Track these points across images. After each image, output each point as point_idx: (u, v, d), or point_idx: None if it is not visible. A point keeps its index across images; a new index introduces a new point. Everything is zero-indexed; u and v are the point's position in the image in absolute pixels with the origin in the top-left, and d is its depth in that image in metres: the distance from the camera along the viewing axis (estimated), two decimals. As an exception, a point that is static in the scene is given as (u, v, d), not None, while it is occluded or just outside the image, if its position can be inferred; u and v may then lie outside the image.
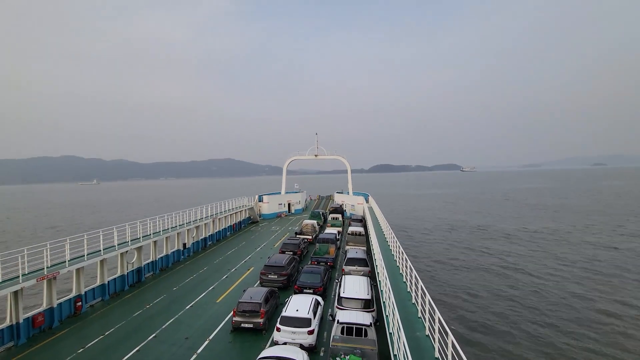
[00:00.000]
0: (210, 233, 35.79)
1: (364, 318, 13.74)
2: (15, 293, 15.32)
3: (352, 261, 22.89)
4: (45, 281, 16.83)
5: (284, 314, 14.89)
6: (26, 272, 16.40)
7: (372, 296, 16.72)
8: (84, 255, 19.61)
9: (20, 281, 15.54)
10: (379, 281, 17.60)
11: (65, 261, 18.52)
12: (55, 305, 17.23)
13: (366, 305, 15.90)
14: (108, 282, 20.99)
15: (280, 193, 60.30)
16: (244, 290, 17.88)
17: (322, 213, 48.28)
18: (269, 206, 54.72)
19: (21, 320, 15.41)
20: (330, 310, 17.79)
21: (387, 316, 13.33)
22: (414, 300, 14.17)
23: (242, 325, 15.82)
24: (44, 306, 16.94)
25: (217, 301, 20.13)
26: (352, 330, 13.19)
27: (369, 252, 27.65)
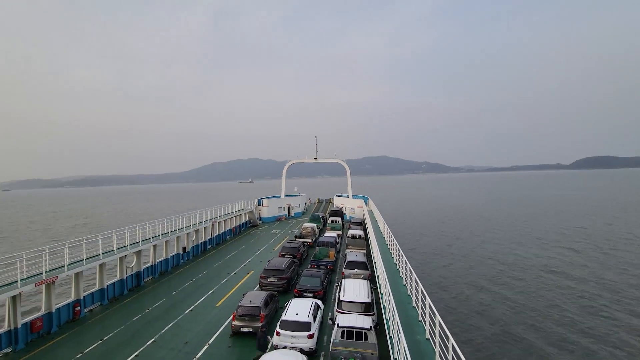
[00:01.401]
0: (209, 237, 35.70)
1: (364, 322, 13.68)
2: (14, 298, 15.26)
3: (352, 264, 22.83)
4: (44, 285, 16.78)
5: (283, 317, 14.82)
6: (25, 277, 16.35)
7: (372, 299, 16.66)
8: (82, 260, 19.56)
9: (19, 286, 15.48)
10: (379, 284, 17.54)
11: (64, 265, 18.47)
12: (53, 310, 17.15)
13: (366, 308, 15.83)
14: (107, 286, 20.91)
15: (280, 196, 60.31)
16: (244, 294, 17.82)
17: (322, 216, 48.20)
18: (268, 210, 54.70)
19: (19, 326, 15.32)
20: (330, 314, 17.71)
21: (387, 320, 13.27)
22: (414, 304, 14.12)
23: (242, 329, 15.74)
24: (43, 311, 16.86)
25: (217, 305, 20.04)
26: (353, 334, 13.13)
27: (368, 255, 27.58)
